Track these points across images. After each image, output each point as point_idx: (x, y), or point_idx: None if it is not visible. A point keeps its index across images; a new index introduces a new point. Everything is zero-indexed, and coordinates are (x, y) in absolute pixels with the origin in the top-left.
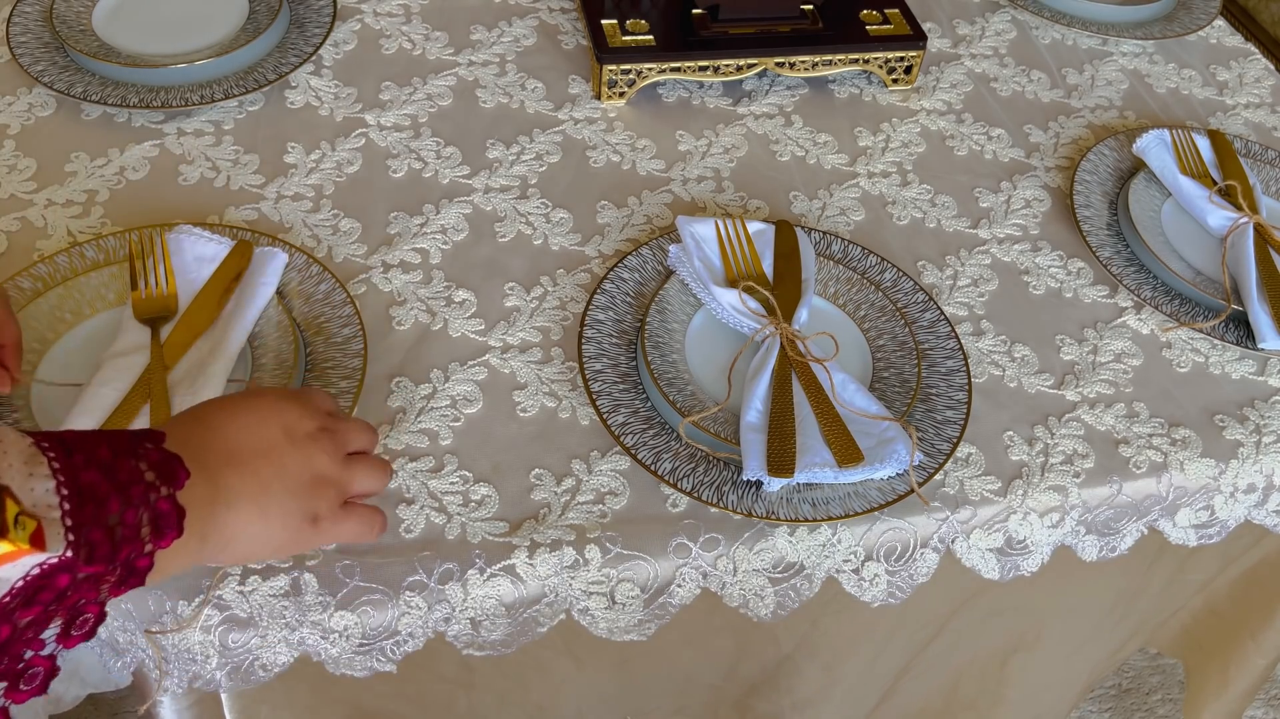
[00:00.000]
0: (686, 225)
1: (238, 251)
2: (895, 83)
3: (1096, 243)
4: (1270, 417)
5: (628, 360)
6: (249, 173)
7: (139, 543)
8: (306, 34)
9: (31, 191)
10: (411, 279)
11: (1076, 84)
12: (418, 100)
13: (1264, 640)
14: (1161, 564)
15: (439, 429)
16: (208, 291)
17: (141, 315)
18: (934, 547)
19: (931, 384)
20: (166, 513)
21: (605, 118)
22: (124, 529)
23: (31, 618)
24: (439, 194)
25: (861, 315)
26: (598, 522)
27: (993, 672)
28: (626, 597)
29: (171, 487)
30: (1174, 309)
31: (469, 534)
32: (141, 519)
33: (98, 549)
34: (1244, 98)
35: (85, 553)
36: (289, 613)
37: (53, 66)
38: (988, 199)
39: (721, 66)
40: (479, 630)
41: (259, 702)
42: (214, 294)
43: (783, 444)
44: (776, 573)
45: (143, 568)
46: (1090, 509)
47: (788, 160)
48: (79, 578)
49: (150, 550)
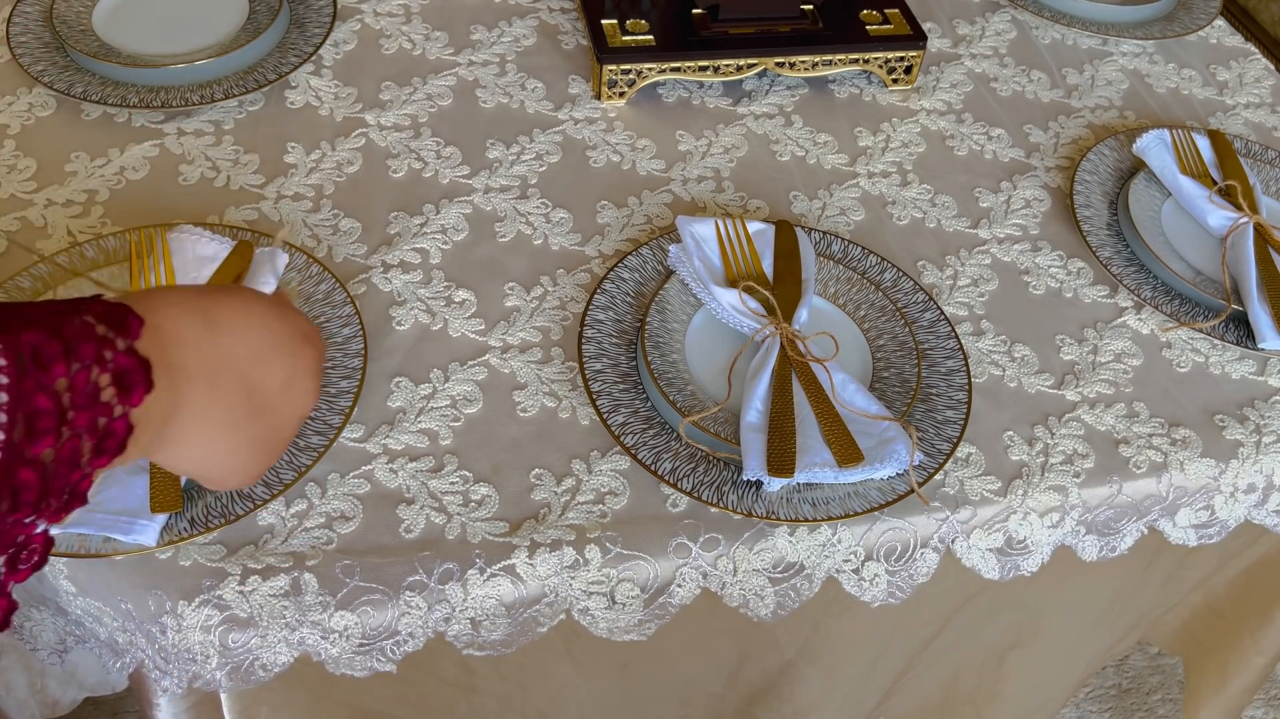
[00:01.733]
0: (686, 225)
1: (238, 252)
2: (895, 83)
3: (1096, 243)
4: (1270, 417)
5: (628, 360)
6: (249, 173)
7: (103, 406)
8: (306, 34)
9: (31, 191)
10: (411, 279)
11: (1076, 84)
12: (418, 100)
13: (1262, 639)
14: (1160, 562)
15: (439, 429)
16: None
17: None
18: (934, 547)
19: (931, 384)
20: (129, 367)
21: (605, 118)
22: (77, 394)
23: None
24: (439, 194)
25: (861, 315)
26: (598, 522)
27: (991, 668)
28: (626, 597)
29: (127, 338)
30: (1174, 309)
31: (469, 534)
32: (97, 380)
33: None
34: (1244, 98)
35: (24, 428)
36: (289, 613)
37: (53, 66)
38: (988, 199)
39: (721, 66)
40: (479, 630)
41: (258, 703)
42: None
43: (783, 444)
44: (777, 573)
45: (122, 431)
46: (1090, 509)
47: (788, 160)
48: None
49: (123, 412)
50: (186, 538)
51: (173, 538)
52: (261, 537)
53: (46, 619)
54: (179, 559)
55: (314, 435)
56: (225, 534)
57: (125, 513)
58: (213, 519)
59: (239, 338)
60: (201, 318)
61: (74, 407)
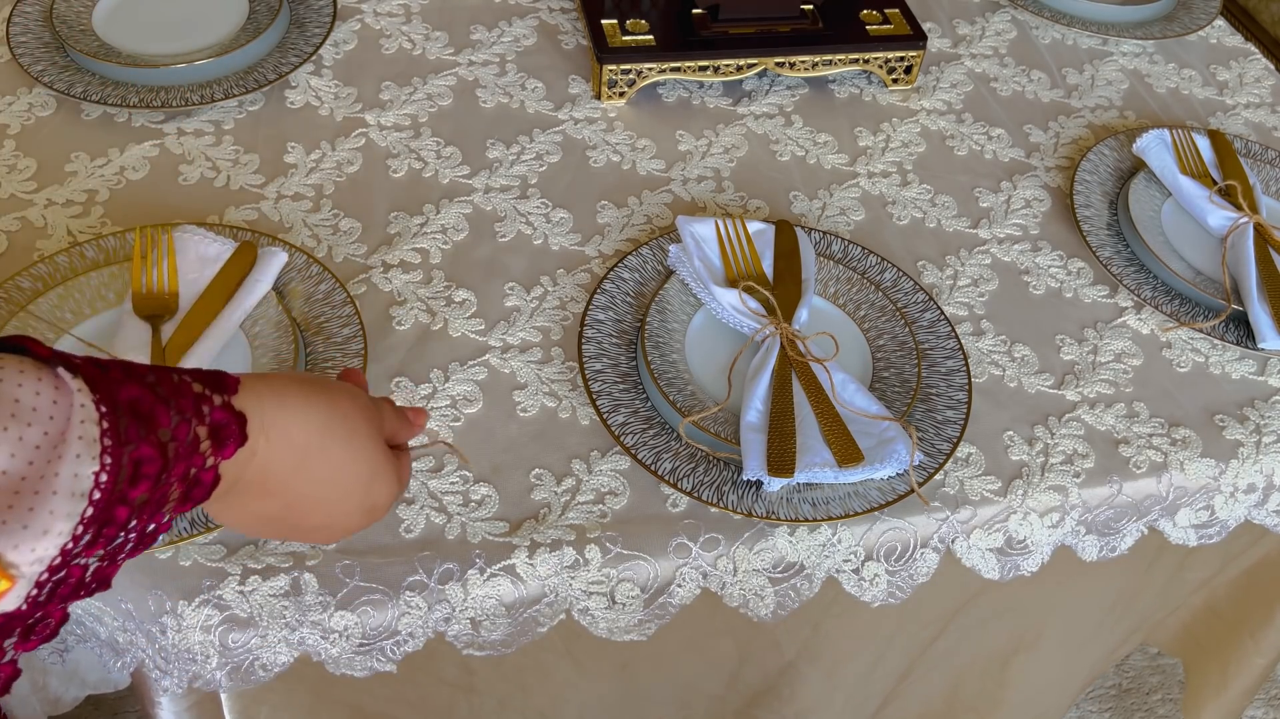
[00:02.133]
0: (686, 225)
1: (241, 253)
2: (895, 83)
3: (1096, 243)
4: (1270, 417)
5: (628, 360)
6: (249, 173)
7: (199, 456)
8: (306, 34)
9: (31, 191)
10: (411, 279)
11: (1076, 84)
12: (418, 100)
13: (1263, 640)
14: (1161, 563)
15: (439, 429)
16: (210, 294)
17: (141, 311)
18: (934, 547)
19: (931, 384)
20: (223, 422)
21: (605, 118)
22: (177, 444)
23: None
24: (439, 194)
25: (861, 315)
26: (598, 522)
27: (993, 673)
28: (626, 597)
29: (225, 394)
30: (1174, 309)
31: (469, 534)
32: (196, 433)
33: (145, 466)
34: (1244, 98)
35: (129, 472)
36: (289, 613)
37: (53, 66)
38: (988, 199)
39: (721, 66)
40: (479, 630)
41: (258, 703)
42: (217, 297)
43: (783, 444)
44: (777, 573)
45: (209, 482)
46: (1090, 509)
47: (788, 160)
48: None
49: (214, 464)
50: (187, 538)
51: (173, 538)
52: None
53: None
54: (179, 559)
55: None
56: (225, 534)
57: None
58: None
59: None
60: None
61: (176, 456)
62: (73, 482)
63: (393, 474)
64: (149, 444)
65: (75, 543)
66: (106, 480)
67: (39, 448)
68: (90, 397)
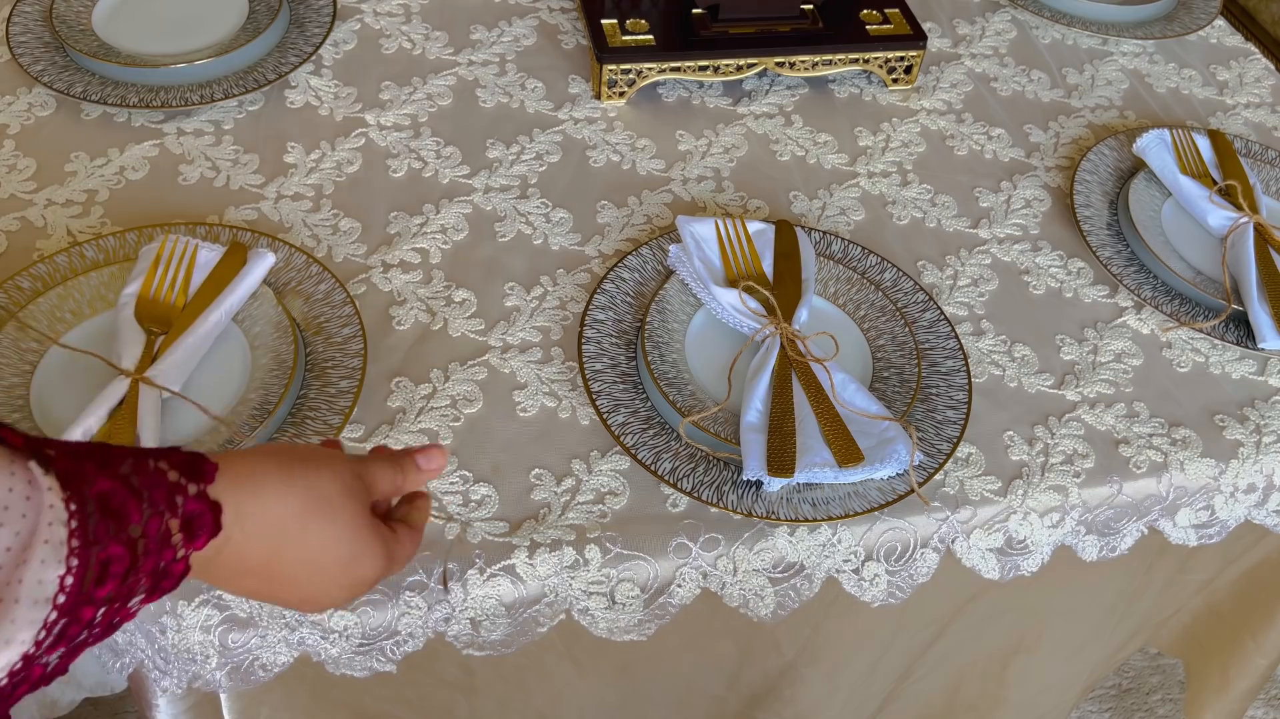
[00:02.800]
0: (686, 225)
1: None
2: (895, 82)
3: (1096, 243)
4: (1270, 417)
5: (628, 360)
6: (249, 173)
7: (169, 549)
8: (306, 34)
9: (31, 191)
10: (411, 279)
11: (1076, 84)
12: (418, 100)
13: (1265, 641)
14: (1162, 564)
15: (439, 429)
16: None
17: (143, 317)
18: (934, 547)
19: (931, 384)
20: (197, 512)
21: (605, 117)
22: (147, 541)
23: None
24: (439, 194)
25: (861, 315)
26: (598, 522)
27: (994, 674)
28: (626, 597)
29: (200, 483)
30: (1174, 309)
31: (469, 534)
32: (168, 527)
33: (113, 565)
34: (1244, 98)
35: (96, 573)
36: (289, 613)
37: (53, 66)
38: (988, 199)
39: (721, 66)
40: (479, 630)
41: (258, 703)
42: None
43: (783, 444)
44: (777, 573)
45: (179, 573)
46: (1090, 509)
47: (788, 160)
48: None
49: (185, 555)
50: None
51: None
52: None
53: None
54: None
55: (314, 436)
56: None
57: None
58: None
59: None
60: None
61: (145, 552)
62: (37, 588)
63: (379, 551)
64: (118, 543)
65: (37, 648)
66: (72, 584)
67: (9, 550)
68: (60, 495)
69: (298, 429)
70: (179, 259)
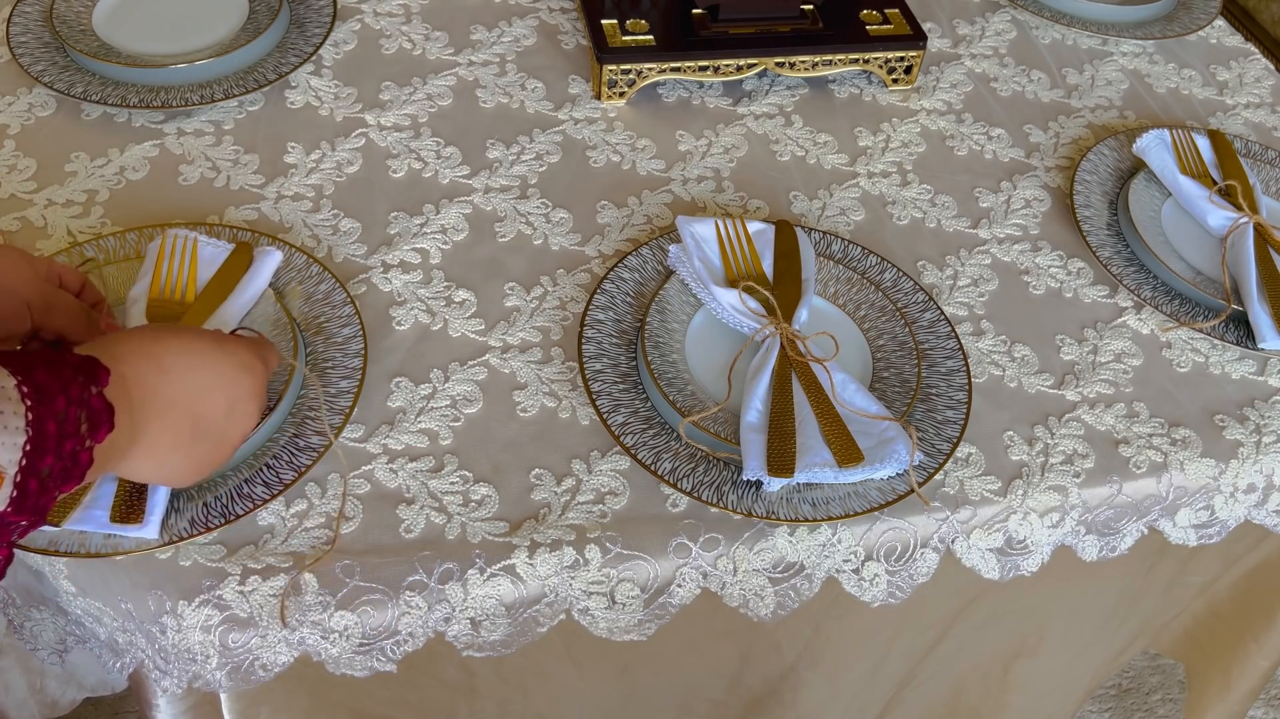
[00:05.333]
0: (686, 225)
1: (238, 254)
2: (895, 83)
3: (1096, 243)
4: (1270, 417)
5: (628, 360)
6: (249, 173)
7: (79, 438)
8: (306, 34)
9: (31, 191)
10: (411, 279)
11: (1076, 84)
12: (418, 100)
13: (1266, 642)
14: (1162, 566)
15: (439, 429)
16: (207, 295)
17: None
18: (934, 547)
19: (931, 384)
20: (99, 409)
21: (605, 118)
22: (68, 424)
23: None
24: (439, 194)
25: (861, 315)
26: (598, 522)
27: (995, 678)
28: (626, 597)
29: (98, 385)
30: (1174, 309)
31: (469, 534)
32: (80, 416)
33: (48, 440)
34: (1244, 98)
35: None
36: (289, 613)
37: (53, 66)
38: (988, 199)
39: (721, 66)
40: (479, 631)
41: (258, 703)
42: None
43: (783, 444)
44: (777, 573)
45: (85, 462)
46: (1090, 509)
47: (788, 160)
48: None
49: (90, 445)
50: (187, 538)
51: (173, 537)
52: (261, 537)
53: (47, 619)
54: (179, 559)
55: (314, 435)
56: (225, 534)
57: None
58: (213, 519)
59: (185, 376)
60: (154, 363)
61: (64, 435)
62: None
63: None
64: (53, 421)
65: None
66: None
67: None
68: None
69: (298, 429)
70: (181, 255)
